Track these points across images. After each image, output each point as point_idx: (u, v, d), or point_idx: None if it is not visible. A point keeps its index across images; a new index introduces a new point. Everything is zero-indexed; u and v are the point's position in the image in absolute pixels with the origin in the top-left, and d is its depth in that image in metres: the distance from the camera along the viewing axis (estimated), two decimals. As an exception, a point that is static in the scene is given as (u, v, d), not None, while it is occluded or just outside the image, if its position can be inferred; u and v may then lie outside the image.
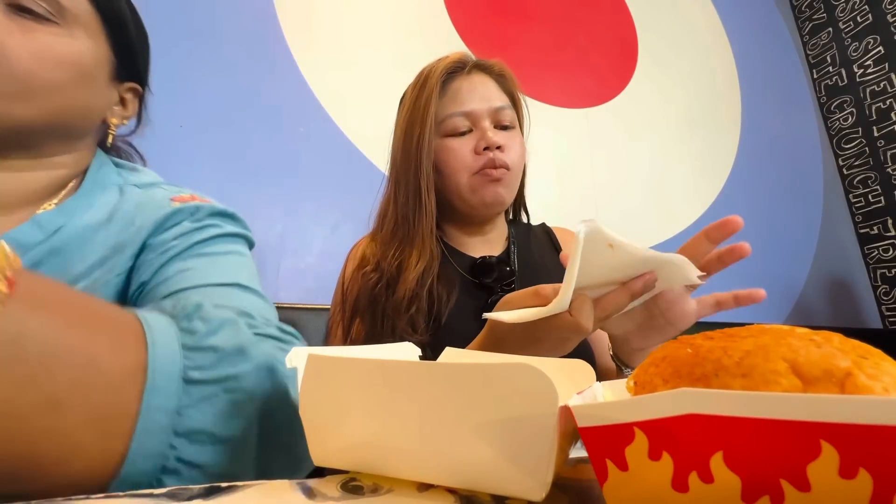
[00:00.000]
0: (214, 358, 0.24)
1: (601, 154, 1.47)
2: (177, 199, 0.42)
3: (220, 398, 0.23)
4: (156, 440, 0.21)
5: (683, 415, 0.13)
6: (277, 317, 0.36)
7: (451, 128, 0.61)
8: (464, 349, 0.36)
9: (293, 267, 1.01)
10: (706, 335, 0.19)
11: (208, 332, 0.25)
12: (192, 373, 0.23)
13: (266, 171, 1.04)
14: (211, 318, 0.26)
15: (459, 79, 0.63)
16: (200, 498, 0.17)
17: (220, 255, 0.39)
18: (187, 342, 0.24)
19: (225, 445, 0.23)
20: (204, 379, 0.23)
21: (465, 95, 0.62)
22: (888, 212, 1.74)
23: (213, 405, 0.23)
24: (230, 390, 0.24)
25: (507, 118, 0.63)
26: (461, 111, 0.61)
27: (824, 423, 0.12)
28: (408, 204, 0.60)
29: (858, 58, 1.86)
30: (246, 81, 1.07)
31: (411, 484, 0.19)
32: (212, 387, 0.23)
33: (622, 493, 0.15)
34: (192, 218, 0.41)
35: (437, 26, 1.34)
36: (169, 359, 0.23)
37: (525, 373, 0.16)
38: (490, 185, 0.60)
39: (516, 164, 0.62)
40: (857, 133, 1.85)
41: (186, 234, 0.39)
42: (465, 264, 0.63)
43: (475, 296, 0.60)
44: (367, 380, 0.19)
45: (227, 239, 0.41)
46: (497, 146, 0.59)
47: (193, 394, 0.23)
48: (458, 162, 0.60)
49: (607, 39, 1.61)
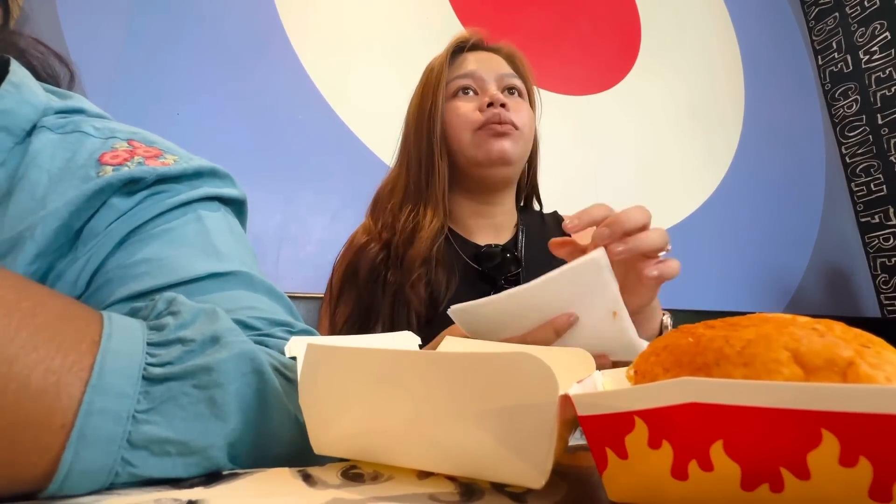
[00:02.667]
0: (182, 350, 0.20)
1: (603, 141, 1.46)
2: (107, 156, 0.29)
3: (191, 397, 0.19)
4: (99, 453, 0.17)
5: (684, 403, 0.13)
6: (269, 289, 0.30)
7: (456, 88, 0.62)
8: (464, 338, 0.36)
9: (292, 256, 1.01)
10: (707, 324, 0.19)
11: (179, 325, 0.21)
12: (154, 370, 0.19)
13: (264, 160, 1.03)
14: (182, 311, 0.22)
15: (468, 52, 0.65)
16: (201, 486, 0.17)
17: (176, 231, 0.29)
18: (153, 339, 0.20)
19: (198, 455, 0.19)
20: (169, 375, 0.19)
21: (473, 63, 0.63)
22: (889, 201, 1.73)
23: (182, 407, 0.19)
24: (202, 386, 0.20)
25: (516, 84, 0.64)
26: (466, 72, 0.62)
27: (825, 412, 0.12)
28: (420, 169, 0.61)
29: (864, 44, 1.83)
30: (244, 69, 1.06)
31: (411, 472, 0.19)
32: (178, 383, 0.19)
33: (621, 480, 0.15)
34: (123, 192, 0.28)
35: (438, 12, 1.32)
36: (125, 354, 0.19)
37: (525, 361, 0.16)
38: (494, 139, 0.59)
39: (525, 126, 0.61)
40: (860, 121, 1.83)
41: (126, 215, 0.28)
42: (470, 252, 0.62)
43: (477, 286, 0.59)
44: (367, 369, 0.19)
45: (184, 208, 0.30)
46: (502, 103, 0.59)
47: (156, 394, 0.19)
48: (462, 119, 0.60)
49: (610, 25, 1.58)
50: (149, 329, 0.21)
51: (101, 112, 0.35)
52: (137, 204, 0.29)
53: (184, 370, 0.20)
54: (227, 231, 0.32)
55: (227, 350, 0.21)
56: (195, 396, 0.20)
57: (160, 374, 0.19)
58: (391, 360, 0.18)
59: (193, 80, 1.01)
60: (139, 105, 0.95)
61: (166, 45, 1.01)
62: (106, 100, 0.92)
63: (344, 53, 1.17)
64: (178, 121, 0.98)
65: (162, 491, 0.17)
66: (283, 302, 0.31)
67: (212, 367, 0.20)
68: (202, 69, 1.02)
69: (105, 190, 0.28)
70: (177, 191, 0.30)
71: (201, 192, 0.31)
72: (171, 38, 1.01)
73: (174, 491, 0.17)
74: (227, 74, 1.04)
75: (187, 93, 1.00)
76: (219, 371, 0.20)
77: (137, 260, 0.27)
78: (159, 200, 0.29)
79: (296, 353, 0.22)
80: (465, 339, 0.36)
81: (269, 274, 1.09)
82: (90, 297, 0.27)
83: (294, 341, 0.22)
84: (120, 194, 0.28)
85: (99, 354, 0.18)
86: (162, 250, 0.28)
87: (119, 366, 0.19)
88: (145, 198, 0.29)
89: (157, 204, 0.29)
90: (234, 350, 0.21)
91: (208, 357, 0.20)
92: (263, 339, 0.25)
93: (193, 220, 0.30)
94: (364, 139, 1.13)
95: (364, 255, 0.58)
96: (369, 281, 0.57)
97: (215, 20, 1.06)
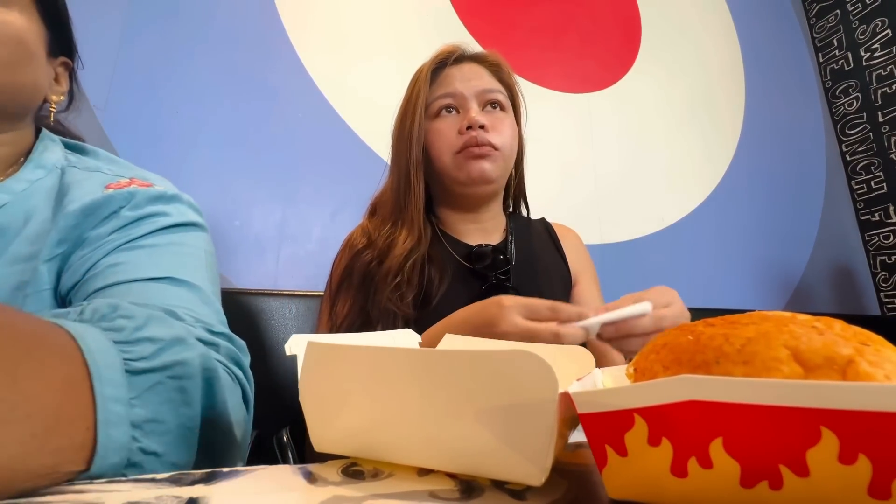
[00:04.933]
0: (154, 347, 0.24)
1: (603, 139, 1.46)
2: (112, 186, 0.39)
3: (166, 385, 0.23)
4: (120, 431, 0.21)
5: (683, 401, 0.13)
6: (216, 311, 0.36)
7: (438, 109, 0.62)
8: (462, 336, 0.36)
9: (292, 254, 1.01)
10: (707, 322, 0.19)
11: (136, 326, 0.24)
12: (134, 363, 0.23)
13: (265, 158, 1.03)
14: (134, 315, 0.25)
15: (450, 67, 0.64)
16: (202, 483, 0.18)
17: (159, 248, 0.37)
18: (116, 338, 0.23)
19: (173, 434, 0.23)
20: (148, 368, 0.23)
21: (454, 80, 0.63)
22: (890, 198, 1.73)
23: (158, 393, 0.23)
24: (176, 377, 0.24)
25: (497, 98, 0.63)
26: (447, 91, 0.62)
27: (825, 410, 0.12)
28: (399, 188, 0.63)
29: (865, 41, 1.82)
30: (244, 67, 1.06)
31: (411, 469, 0.19)
32: (157, 374, 0.23)
33: (621, 478, 0.15)
34: (129, 206, 0.38)
35: (438, 10, 1.31)
36: (105, 352, 0.22)
37: (525, 359, 0.16)
38: (474, 161, 0.60)
39: (505, 145, 0.62)
40: (861, 118, 1.83)
41: (124, 228, 0.37)
42: (461, 251, 0.63)
43: (469, 283, 0.60)
44: (367, 367, 0.19)
45: (169, 231, 0.39)
46: (480, 125, 0.59)
47: (138, 384, 0.22)
48: (443, 142, 0.61)
49: (611, 22, 1.57)
50: (103, 330, 0.24)
51: (115, 157, 0.46)
52: (139, 218, 0.37)
53: (161, 364, 0.23)
54: (202, 252, 0.40)
55: (192, 350, 0.25)
56: (169, 385, 0.24)
57: (141, 367, 0.23)
58: (391, 357, 0.18)
59: (193, 78, 1.01)
60: (139, 103, 0.95)
61: (166, 43, 1.00)
62: (106, 98, 0.91)
63: (344, 51, 1.17)
64: (178, 118, 0.98)
65: (163, 488, 0.17)
66: (212, 307, 0.36)
67: (184, 361, 0.24)
68: (202, 67, 1.02)
69: (113, 199, 0.37)
70: (168, 214, 0.39)
71: (180, 218, 0.40)
72: (171, 36, 1.01)
73: (175, 488, 0.17)
74: (226, 72, 1.04)
75: (187, 91, 1.00)
76: (189, 365, 0.25)
77: (117, 262, 0.34)
78: (152, 221, 0.38)
79: (296, 351, 0.22)
80: (465, 337, 0.36)
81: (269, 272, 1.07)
82: (82, 286, 0.34)
83: (294, 339, 0.23)
84: (129, 208, 0.38)
85: (86, 354, 0.21)
86: (138, 258, 0.35)
87: (106, 361, 0.21)
88: (144, 217, 0.38)
89: (151, 224, 0.38)
90: (199, 349, 0.26)
91: (179, 354, 0.25)
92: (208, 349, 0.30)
93: (176, 241, 0.38)
94: (364, 137, 1.13)
95: (358, 260, 0.60)
96: (362, 284, 0.58)
97: (215, 18, 1.06)
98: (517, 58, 1.38)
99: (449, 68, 0.64)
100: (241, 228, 0.98)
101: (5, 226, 0.36)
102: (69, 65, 0.46)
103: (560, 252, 0.68)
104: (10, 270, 0.34)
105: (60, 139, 0.45)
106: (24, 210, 0.37)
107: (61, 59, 0.45)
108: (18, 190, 0.38)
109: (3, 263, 0.34)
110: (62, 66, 0.45)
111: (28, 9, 0.39)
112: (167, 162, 0.95)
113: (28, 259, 0.35)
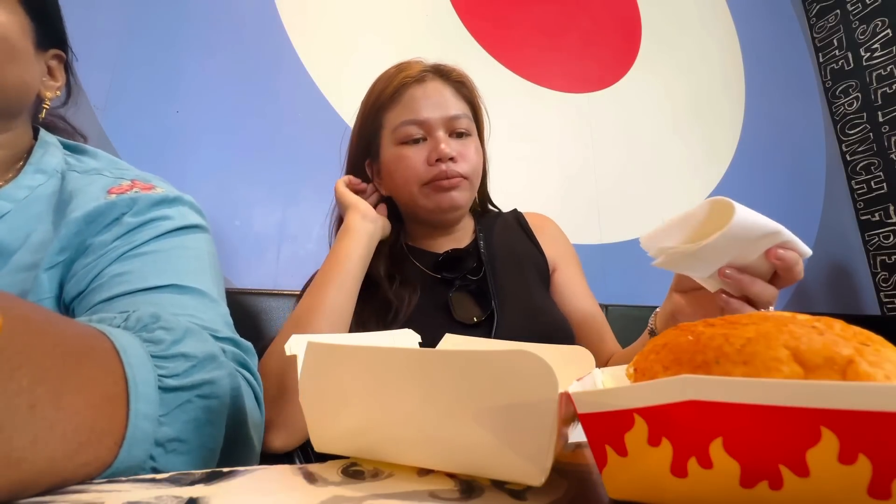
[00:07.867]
0: (187, 364, 0.24)
1: (603, 139, 1.45)
2: (115, 190, 0.39)
3: (194, 404, 0.24)
4: (140, 450, 0.21)
5: (683, 401, 0.13)
6: (222, 314, 0.36)
7: (404, 135, 0.60)
8: (463, 336, 0.36)
9: (292, 254, 1.01)
10: (707, 322, 0.19)
11: (174, 340, 0.25)
12: (167, 380, 0.23)
13: (265, 158, 1.03)
14: (173, 327, 0.26)
15: (414, 86, 0.61)
16: (202, 483, 0.18)
17: (162, 253, 0.37)
18: (153, 351, 0.24)
19: (194, 455, 0.23)
20: (180, 385, 0.23)
21: (420, 104, 0.60)
22: (890, 198, 1.73)
23: (186, 412, 0.23)
24: (205, 396, 0.24)
25: (463, 126, 0.62)
26: (415, 119, 0.60)
27: (825, 410, 0.12)
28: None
29: (866, 41, 1.82)
30: (244, 67, 1.06)
31: (411, 469, 0.19)
32: (187, 393, 0.23)
33: (621, 478, 0.15)
34: (131, 212, 0.38)
35: (438, 10, 1.31)
36: (143, 367, 0.22)
37: (525, 359, 0.16)
38: (444, 193, 0.59)
39: (472, 172, 0.61)
40: (861, 118, 1.82)
41: (128, 235, 0.37)
42: (430, 263, 0.63)
43: (436, 291, 0.60)
44: (367, 367, 0.19)
45: (172, 234, 0.39)
46: (450, 157, 0.58)
47: (169, 402, 0.23)
48: (410, 171, 0.59)
49: (611, 22, 1.57)
50: (143, 341, 0.24)
51: (115, 158, 0.45)
52: (141, 224, 0.37)
53: (192, 382, 0.24)
54: (205, 254, 0.40)
55: (223, 368, 0.26)
56: (197, 404, 0.24)
57: (173, 385, 0.23)
58: (391, 358, 0.18)
59: (193, 78, 1.01)
60: (138, 102, 0.95)
61: (166, 43, 1.00)
62: (105, 97, 0.91)
63: (344, 50, 1.17)
64: (178, 118, 0.97)
65: (162, 488, 0.17)
66: (217, 310, 0.36)
67: (214, 381, 0.25)
68: (202, 67, 1.02)
69: (116, 206, 0.37)
70: (170, 217, 0.39)
71: (183, 221, 0.40)
72: (171, 36, 1.01)
73: (175, 488, 0.17)
74: (226, 72, 1.04)
75: (187, 91, 1.00)
76: (218, 385, 0.25)
77: (122, 271, 0.34)
78: (155, 226, 0.38)
79: (296, 351, 0.22)
80: (465, 337, 0.36)
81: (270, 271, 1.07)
82: (87, 296, 0.34)
83: (294, 339, 0.23)
84: (131, 214, 0.37)
85: (126, 367, 0.21)
86: (144, 266, 0.35)
87: (144, 377, 0.22)
88: (146, 222, 0.38)
89: (153, 229, 0.38)
90: (229, 368, 0.26)
91: (210, 373, 0.25)
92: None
93: (178, 244, 0.38)
94: (364, 137, 1.13)
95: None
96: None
97: (215, 18, 1.06)
98: (517, 57, 1.38)
99: (413, 87, 0.61)
100: (241, 228, 0.98)
101: (9, 238, 0.35)
102: (62, 57, 0.44)
103: (533, 240, 0.68)
104: (13, 280, 0.34)
105: (59, 140, 0.44)
106: (26, 220, 0.37)
107: (53, 51, 0.43)
108: (20, 198, 0.38)
109: (6, 273, 0.34)
110: (55, 59, 0.43)
111: (8, 2, 0.37)
112: (167, 162, 0.95)
113: (30, 268, 0.35)
